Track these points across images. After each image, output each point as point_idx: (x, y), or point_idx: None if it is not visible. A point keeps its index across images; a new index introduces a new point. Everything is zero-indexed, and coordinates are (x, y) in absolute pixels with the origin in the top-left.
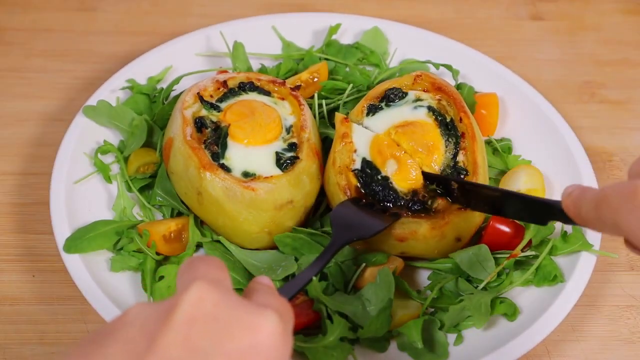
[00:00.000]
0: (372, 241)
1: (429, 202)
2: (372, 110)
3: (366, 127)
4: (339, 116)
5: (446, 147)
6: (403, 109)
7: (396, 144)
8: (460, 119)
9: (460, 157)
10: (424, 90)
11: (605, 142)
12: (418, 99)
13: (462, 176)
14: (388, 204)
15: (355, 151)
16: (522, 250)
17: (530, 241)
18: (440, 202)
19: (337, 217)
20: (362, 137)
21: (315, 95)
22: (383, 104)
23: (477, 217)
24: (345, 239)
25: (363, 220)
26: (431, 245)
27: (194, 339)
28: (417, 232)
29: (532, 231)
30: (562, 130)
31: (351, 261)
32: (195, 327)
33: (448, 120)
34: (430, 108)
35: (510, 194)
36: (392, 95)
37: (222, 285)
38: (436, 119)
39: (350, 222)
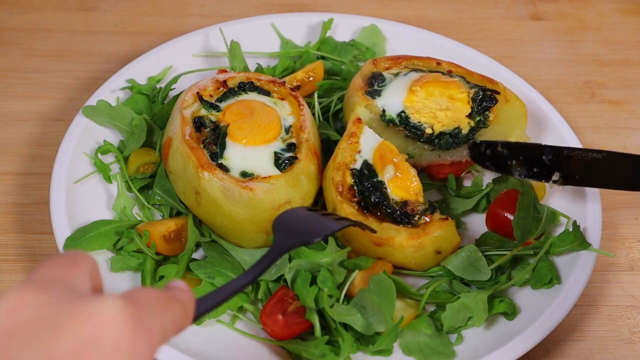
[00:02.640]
0: (352, 244)
1: (415, 218)
2: (372, 94)
3: (382, 107)
4: (353, 115)
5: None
6: (398, 80)
7: (428, 96)
8: (438, 63)
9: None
10: (387, 68)
11: (605, 142)
12: (396, 73)
13: (488, 90)
14: (375, 209)
15: (359, 152)
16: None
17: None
18: (425, 220)
19: (280, 224)
20: (369, 141)
21: (315, 95)
22: (376, 87)
23: (457, 234)
24: (286, 245)
25: (309, 225)
26: (407, 255)
27: (12, 353)
28: (393, 239)
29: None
30: (562, 130)
31: (341, 266)
32: (15, 338)
33: (428, 72)
34: (414, 70)
35: (617, 155)
36: (379, 77)
37: (57, 284)
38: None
39: (294, 228)
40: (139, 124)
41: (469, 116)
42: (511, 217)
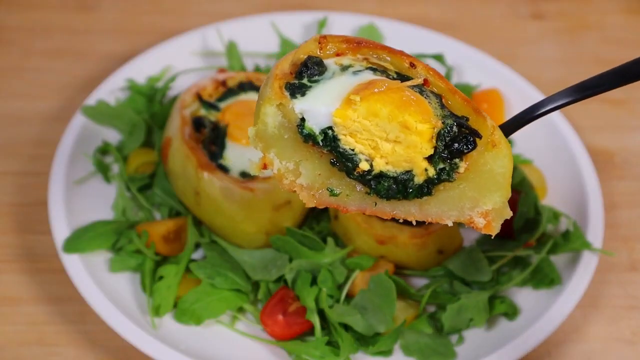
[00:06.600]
0: (354, 242)
1: None
2: (296, 90)
3: (300, 113)
4: (257, 126)
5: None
6: (341, 79)
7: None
8: (412, 65)
9: (446, 103)
10: (337, 54)
11: (607, 141)
12: (345, 67)
13: (465, 121)
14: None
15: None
16: (523, 246)
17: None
18: None
19: None
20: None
21: None
22: (305, 81)
23: (459, 234)
24: None
25: None
26: (411, 254)
27: None
28: (397, 238)
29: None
30: (564, 130)
31: (342, 266)
32: None
33: (395, 76)
34: (372, 69)
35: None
36: (316, 65)
37: None
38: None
39: None
40: (138, 124)
41: (429, 159)
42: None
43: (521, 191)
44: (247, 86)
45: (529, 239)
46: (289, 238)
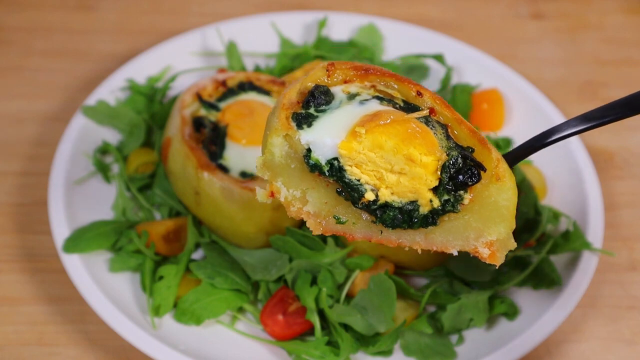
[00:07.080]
0: (354, 242)
1: None
2: (302, 120)
3: (307, 144)
4: (264, 155)
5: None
6: (347, 109)
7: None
8: (419, 93)
9: (452, 134)
10: (344, 82)
11: (607, 141)
12: (353, 95)
13: (470, 152)
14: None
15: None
16: (524, 247)
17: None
18: None
19: None
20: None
21: None
22: (312, 110)
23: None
24: None
25: None
26: (410, 254)
27: None
28: None
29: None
30: None
31: (342, 266)
32: None
33: (402, 104)
34: (379, 98)
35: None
36: (322, 95)
37: None
38: (394, 108)
39: None
40: (138, 124)
41: (434, 190)
42: None
43: (521, 191)
44: (247, 86)
45: (529, 239)
46: (289, 238)
